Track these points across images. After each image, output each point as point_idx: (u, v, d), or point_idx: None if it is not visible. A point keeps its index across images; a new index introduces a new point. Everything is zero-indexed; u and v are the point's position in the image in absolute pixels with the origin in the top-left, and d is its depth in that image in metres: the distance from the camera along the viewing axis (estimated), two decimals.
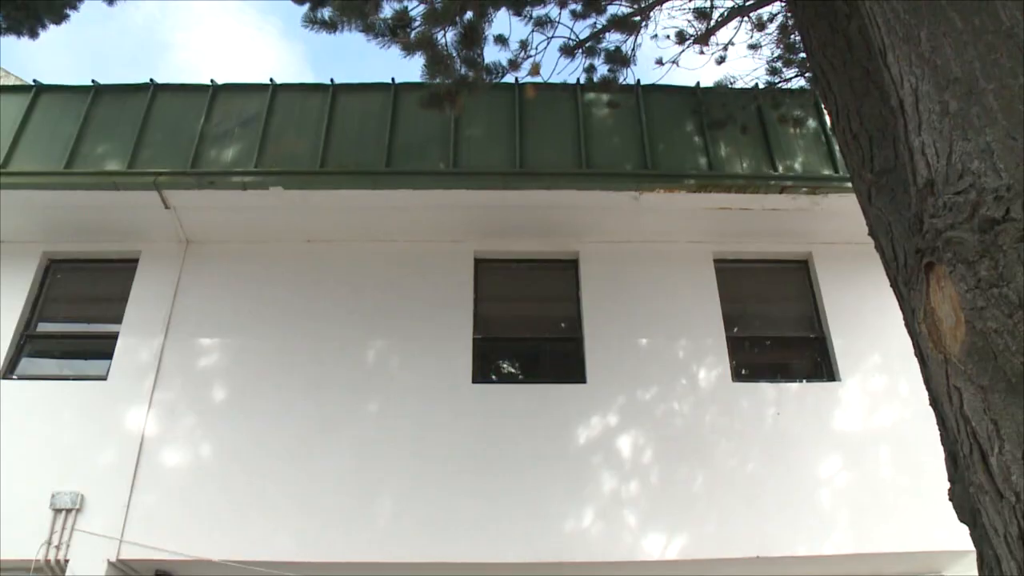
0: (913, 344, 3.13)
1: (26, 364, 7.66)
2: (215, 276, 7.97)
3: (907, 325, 3.31)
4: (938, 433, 2.88)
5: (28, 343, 7.78)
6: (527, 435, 7.16)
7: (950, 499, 2.73)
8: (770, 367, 8.11)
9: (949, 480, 2.78)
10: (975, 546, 2.57)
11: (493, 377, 7.96)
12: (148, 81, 8.39)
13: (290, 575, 6.62)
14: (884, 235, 3.48)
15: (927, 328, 2.27)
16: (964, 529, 2.65)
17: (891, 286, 3.51)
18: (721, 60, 8.27)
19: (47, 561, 6.46)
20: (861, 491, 6.96)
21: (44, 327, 7.99)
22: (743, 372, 7.72)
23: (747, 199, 7.80)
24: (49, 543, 6.51)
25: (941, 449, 2.84)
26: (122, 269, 8.03)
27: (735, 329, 7.92)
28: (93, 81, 8.34)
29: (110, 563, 6.50)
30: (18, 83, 9.65)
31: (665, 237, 8.20)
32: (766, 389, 7.50)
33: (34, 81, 8.42)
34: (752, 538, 6.73)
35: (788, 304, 8.51)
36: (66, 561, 6.48)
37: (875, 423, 7.30)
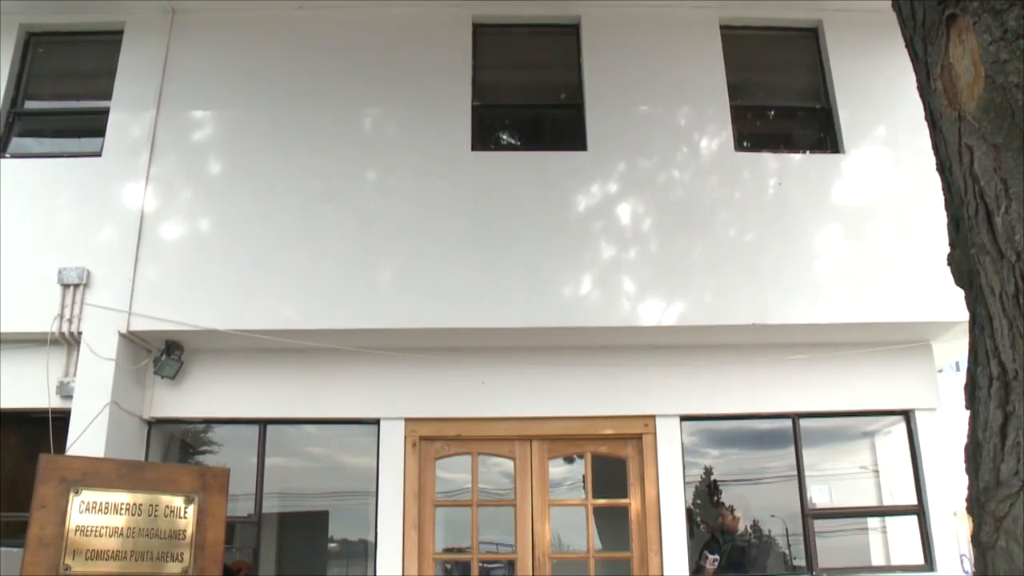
0: (924, 107, 3.01)
1: (17, 143, 7.54)
2: (204, 45, 7.66)
3: (920, 88, 3.17)
4: (941, 203, 2.84)
5: (17, 121, 7.61)
6: (527, 203, 7.15)
7: (948, 264, 2.71)
8: (773, 137, 7.98)
9: (950, 245, 2.75)
10: (968, 308, 2.58)
11: (492, 145, 7.86)
12: None
13: (295, 342, 6.84)
14: None
15: (943, 84, 2.18)
16: (954, 302, 2.66)
17: (906, 47, 3.34)
18: None
19: (61, 334, 6.66)
20: (857, 262, 7.04)
21: (31, 105, 7.79)
22: (745, 142, 7.60)
23: None
24: (61, 317, 6.67)
25: (938, 224, 2.80)
26: (107, 41, 7.70)
27: (739, 98, 7.72)
28: None
29: (121, 335, 6.68)
30: None
31: (670, 1, 7.82)
32: (768, 159, 7.42)
33: None
34: (749, 306, 6.88)
35: (795, 74, 8.27)
36: (79, 333, 6.68)
37: (875, 196, 7.27)
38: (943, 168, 2.54)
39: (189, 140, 7.33)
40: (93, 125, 7.45)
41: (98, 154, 7.25)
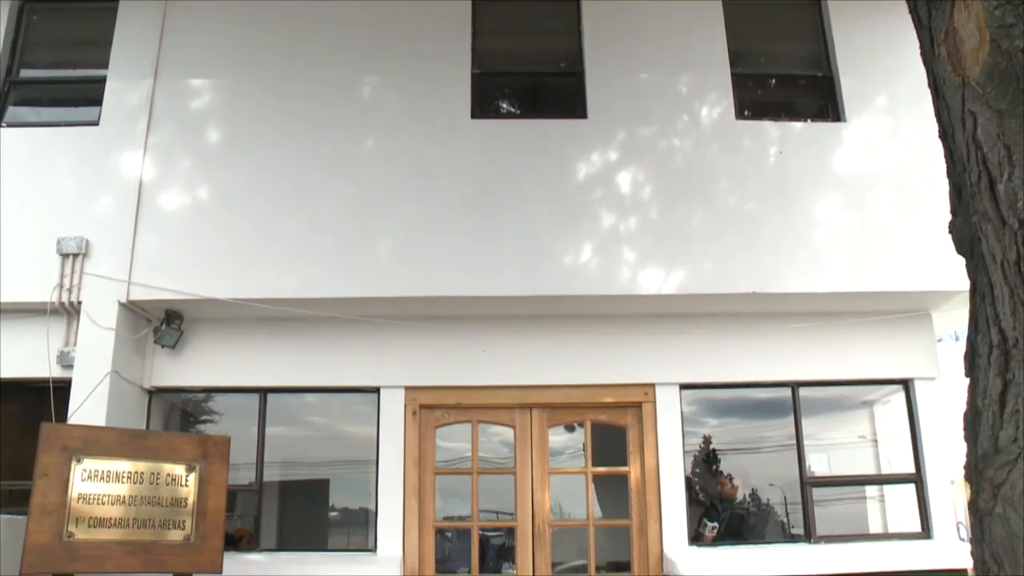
0: (927, 73, 2.99)
1: (13, 112, 7.49)
2: (202, 13, 7.57)
3: (923, 54, 3.14)
4: (943, 171, 2.82)
5: (12, 90, 7.56)
6: (527, 171, 7.11)
7: (950, 231, 2.70)
8: (774, 106, 7.93)
9: (951, 212, 2.74)
10: (969, 276, 2.58)
11: (492, 113, 7.79)
12: None
13: (294, 311, 6.83)
14: None
15: (947, 49, 2.15)
16: (954, 271, 2.64)
17: (909, 13, 3.32)
18: None
19: (61, 303, 6.65)
20: (858, 231, 7.02)
21: (27, 73, 7.73)
22: (746, 111, 7.56)
23: None
24: (61, 286, 6.67)
25: (940, 193, 2.78)
26: (103, 9, 7.62)
27: (740, 66, 7.66)
28: None
29: (121, 304, 6.68)
30: None
31: None
32: (769, 128, 7.37)
33: None
34: (749, 274, 6.86)
35: (796, 42, 8.19)
36: (79, 303, 6.68)
37: (876, 164, 7.23)
38: (945, 135, 2.52)
39: (187, 109, 7.28)
40: (90, 94, 7.39)
41: (95, 123, 7.20)
